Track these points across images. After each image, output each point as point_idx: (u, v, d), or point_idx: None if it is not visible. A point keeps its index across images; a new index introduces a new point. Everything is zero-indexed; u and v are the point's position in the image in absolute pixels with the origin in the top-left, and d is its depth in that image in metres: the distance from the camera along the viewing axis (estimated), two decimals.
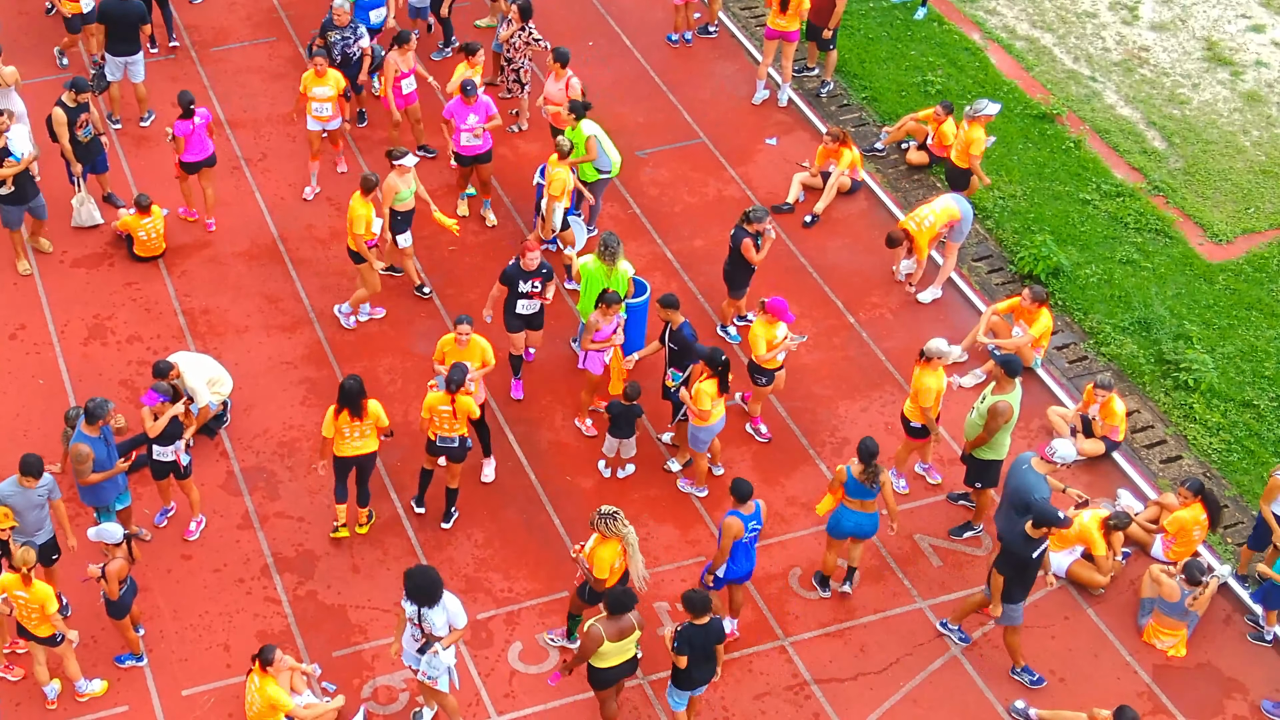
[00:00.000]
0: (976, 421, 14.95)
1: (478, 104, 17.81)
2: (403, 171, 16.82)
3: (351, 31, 18.82)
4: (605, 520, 13.32)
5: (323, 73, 18.02)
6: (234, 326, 17.30)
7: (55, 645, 13.40)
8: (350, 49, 18.86)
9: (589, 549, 13.54)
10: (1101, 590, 15.24)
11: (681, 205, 19.33)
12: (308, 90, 18.15)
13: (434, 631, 12.90)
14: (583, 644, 12.95)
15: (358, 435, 14.52)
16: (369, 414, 14.43)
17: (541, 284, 16.01)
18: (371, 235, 16.68)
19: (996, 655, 14.68)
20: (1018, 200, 19.50)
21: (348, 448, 14.58)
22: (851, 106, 20.98)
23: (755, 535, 13.96)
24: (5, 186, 16.86)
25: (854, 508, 14.32)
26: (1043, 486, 14.00)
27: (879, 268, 18.43)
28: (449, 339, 15.17)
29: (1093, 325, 17.98)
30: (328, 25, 18.75)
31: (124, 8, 18.80)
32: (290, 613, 14.64)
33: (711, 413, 15.14)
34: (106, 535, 13.34)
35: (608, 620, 12.84)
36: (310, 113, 18.24)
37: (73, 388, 16.47)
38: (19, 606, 13.11)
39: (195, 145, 17.69)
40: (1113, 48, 22.26)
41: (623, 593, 12.88)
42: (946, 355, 15.21)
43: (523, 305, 16.12)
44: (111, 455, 14.17)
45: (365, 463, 14.79)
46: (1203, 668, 14.77)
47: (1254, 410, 17.11)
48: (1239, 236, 19.33)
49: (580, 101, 17.86)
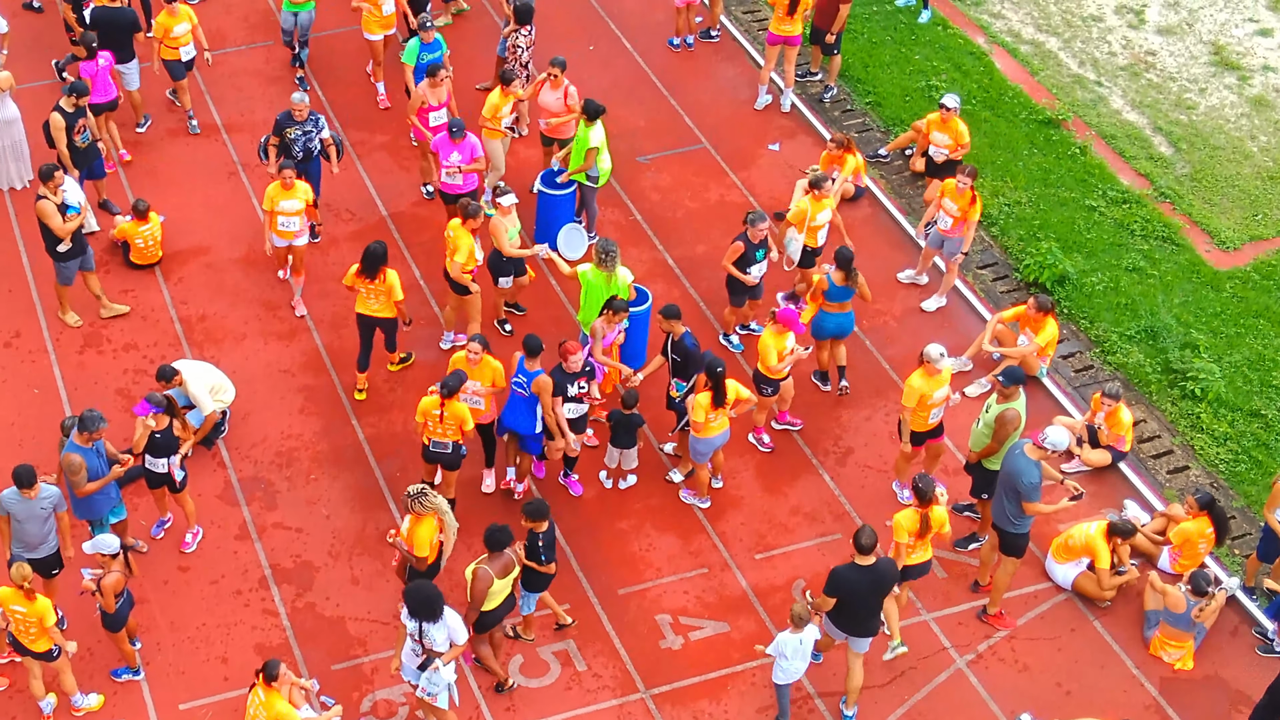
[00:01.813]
0: (983, 432, 14.79)
1: (464, 144, 17.23)
2: (505, 211, 16.43)
3: (313, 125, 17.47)
4: (417, 500, 13.39)
5: (290, 185, 16.52)
6: (231, 334, 17.15)
7: (52, 660, 13.24)
8: (312, 143, 17.52)
9: (405, 530, 13.60)
10: (1107, 603, 15.11)
11: (683, 211, 19.18)
12: (274, 205, 16.57)
13: (434, 647, 12.81)
14: (475, 589, 13.09)
15: (371, 297, 15.75)
16: (384, 280, 15.60)
17: (588, 383, 15.07)
18: (475, 263, 16.21)
19: (1002, 668, 14.55)
20: (1023, 207, 19.35)
21: (364, 305, 15.88)
22: (855, 112, 20.83)
23: (521, 389, 14.81)
24: (65, 243, 16.35)
25: (833, 310, 16.19)
26: (1033, 471, 13.87)
27: (883, 274, 18.27)
28: (460, 357, 14.99)
29: (1099, 334, 17.82)
30: (284, 122, 17.38)
31: (116, 15, 18.66)
32: (289, 625, 14.49)
33: (709, 425, 14.99)
34: (103, 546, 13.19)
35: (490, 560, 13.11)
36: (275, 228, 16.72)
37: (68, 396, 16.31)
38: (17, 621, 12.96)
39: (100, 88, 18.20)
40: (1119, 52, 22.10)
41: (498, 529, 13.06)
42: (938, 362, 14.99)
43: (570, 409, 15.01)
44: (104, 465, 14.01)
45: (385, 325, 16.01)
46: (1210, 680, 14.63)
47: (1262, 420, 16.95)
48: (1246, 243, 19.18)
49: (596, 103, 17.62)
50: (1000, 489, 14.18)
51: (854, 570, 13.22)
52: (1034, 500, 13.91)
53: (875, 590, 13.34)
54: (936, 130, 18.45)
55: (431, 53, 18.72)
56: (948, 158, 18.37)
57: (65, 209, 16.27)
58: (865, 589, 13.28)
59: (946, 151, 18.26)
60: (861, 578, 13.22)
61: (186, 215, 18.42)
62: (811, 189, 16.99)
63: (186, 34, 18.82)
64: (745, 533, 15.61)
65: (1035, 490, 13.85)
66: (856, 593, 13.27)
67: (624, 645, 14.55)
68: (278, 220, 16.65)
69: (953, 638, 14.80)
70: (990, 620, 14.84)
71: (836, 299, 16.15)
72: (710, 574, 15.20)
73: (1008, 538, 14.32)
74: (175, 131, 19.64)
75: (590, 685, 14.21)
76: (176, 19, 18.75)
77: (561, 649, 14.49)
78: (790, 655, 13.45)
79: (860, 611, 13.42)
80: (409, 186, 18.99)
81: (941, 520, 13.86)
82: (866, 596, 13.35)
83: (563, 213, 18.11)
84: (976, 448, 14.96)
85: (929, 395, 15.01)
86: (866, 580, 13.24)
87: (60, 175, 16.18)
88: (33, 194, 17.98)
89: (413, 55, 18.79)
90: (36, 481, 13.45)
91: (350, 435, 16.21)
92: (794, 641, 13.39)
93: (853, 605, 13.37)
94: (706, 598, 14.99)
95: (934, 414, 15.22)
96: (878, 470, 16.22)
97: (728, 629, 14.71)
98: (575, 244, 17.72)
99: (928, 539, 13.94)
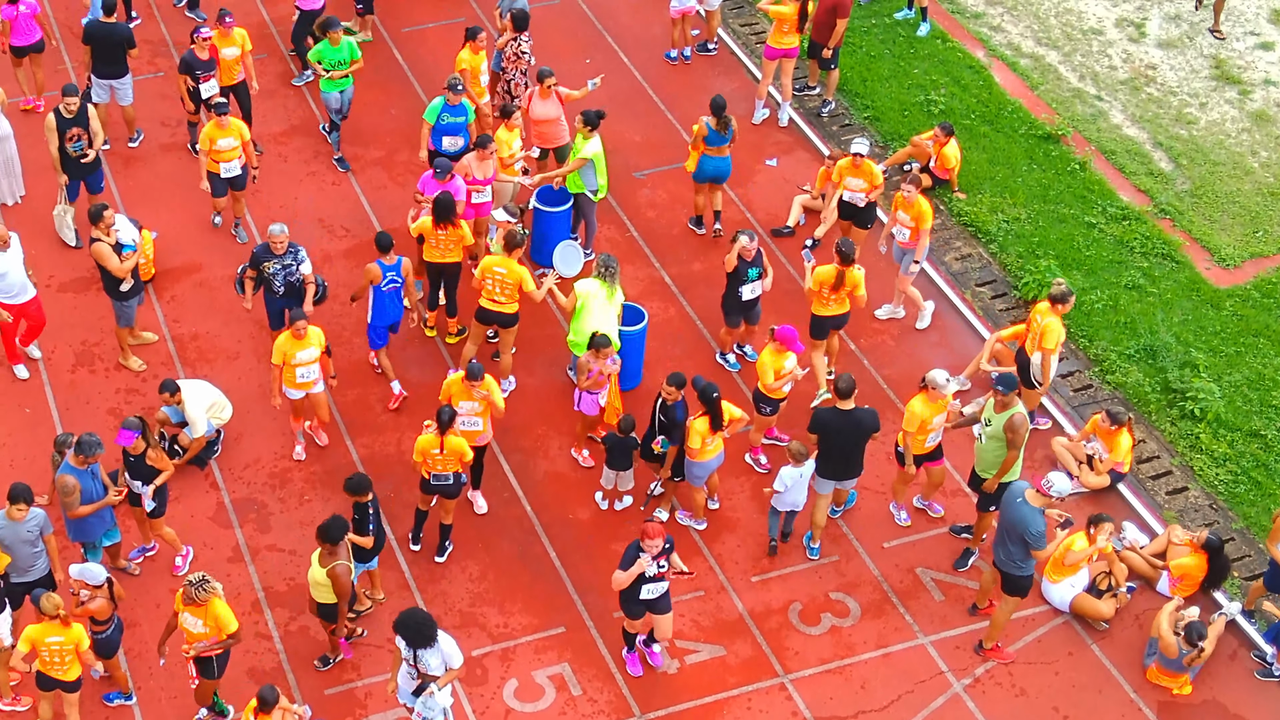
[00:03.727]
0: (991, 445, 14.63)
1: (450, 184, 16.88)
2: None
3: (292, 257, 16.06)
4: (199, 588, 12.74)
5: (304, 334, 15.08)
6: (224, 353, 17.03)
7: (76, 690, 13.12)
8: (293, 277, 16.12)
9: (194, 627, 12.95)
10: (1106, 625, 15.01)
11: (680, 227, 19.07)
12: (289, 358, 15.16)
13: (429, 672, 12.73)
14: (343, 585, 13.26)
15: (441, 246, 16.44)
16: (457, 228, 16.29)
17: (667, 561, 13.86)
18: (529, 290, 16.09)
19: (999, 693, 14.46)
20: (1022, 223, 19.23)
21: (431, 254, 16.53)
22: (853, 126, 20.70)
23: (395, 286, 15.90)
24: (126, 282, 16.11)
25: (712, 154, 17.98)
26: (1038, 519, 13.78)
27: (882, 292, 18.15)
28: (455, 379, 14.90)
29: (1097, 352, 17.71)
30: (262, 255, 15.99)
31: (110, 30, 18.50)
32: (281, 649, 14.39)
33: (705, 449, 14.90)
34: (88, 576, 13.07)
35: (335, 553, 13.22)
36: (293, 381, 15.35)
37: (60, 416, 16.20)
38: (52, 653, 12.81)
39: (22, 30, 18.63)
40: (1119, 66, 21.99)
41: (335, 522, 13.21)
42: (942, 388, 14.89)
43: (648, 590, 13.86)
44: (98, 489, 13.92)
45: (449, 271, 16.62)
46: (1209, 705, 14.54)
47: (1261, 440, 16.84)
48: (1247, 261, 19.05)
49: (595, 111, 17.55)
50: (1003, 534, 14.03)
51: (834, 414, 14.68)
52: (1043, 548, 13.88)
53: (855, 434, 14.72)
54: (850, 176, 17.75)
55: (455, 115, 17.79)
56: (867, 201, 17.94)
57: (120, 248, 16.06)
58: (845, 432, 14.64)
59: (863, 196, 17.81)
60: (842, 421, 14.61)
61: (178, 233, 18.29)
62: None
63: (233, 149, 17.46)
64: (741, 555, 15.51)
65: (1042, 538, 13.77)
66: (837, 435, 14.64)
67: (619, 669, 14.44)
68: (297, 373, 15.25)
69: (950, 661, 14.70)
70: (988, 654, 14.73)
71: (715, 144, 17.89)
72: (706, 596, 15.10)
73: (1011, 580, 14.19)
74: (168, 147, 19.52)
75: (585, 710, 14.12)
76: (224, 131, 17.32)
77: (556, 672, 14.39)
78: (790, 486, 14.97)
79: (840, 455, 14.82)
80: (403, 202, 18.86)
81: (856, 280, 15.97)
82: (846, 439, 14.70)
83: (559, 229, 18.00)
84: (991, 467, 14.76)
85: (929, 420, 14.90)
86: (847, 424, 14.63)
87: (110, 215, 15.89)
88: (24, 210, 17.97)
89: (434, 114, 17.75)
90: (32, 499, 13.37)
91: (344, 456, 16.10)
92: (794, 474, 14.92)
93: (832, 448, 14.75)
94: (702, 621, 14.89)
95: (931, 438, 15.11)
96: (875, 490, 16.12)
97: (724, 653, 14.61)
98: (571, 261, 17.62)
99: (843, 293, 16.04)
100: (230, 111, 17.63)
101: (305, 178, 19.14)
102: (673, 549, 13.84)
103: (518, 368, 16.97)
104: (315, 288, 16.47)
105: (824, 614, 15.02)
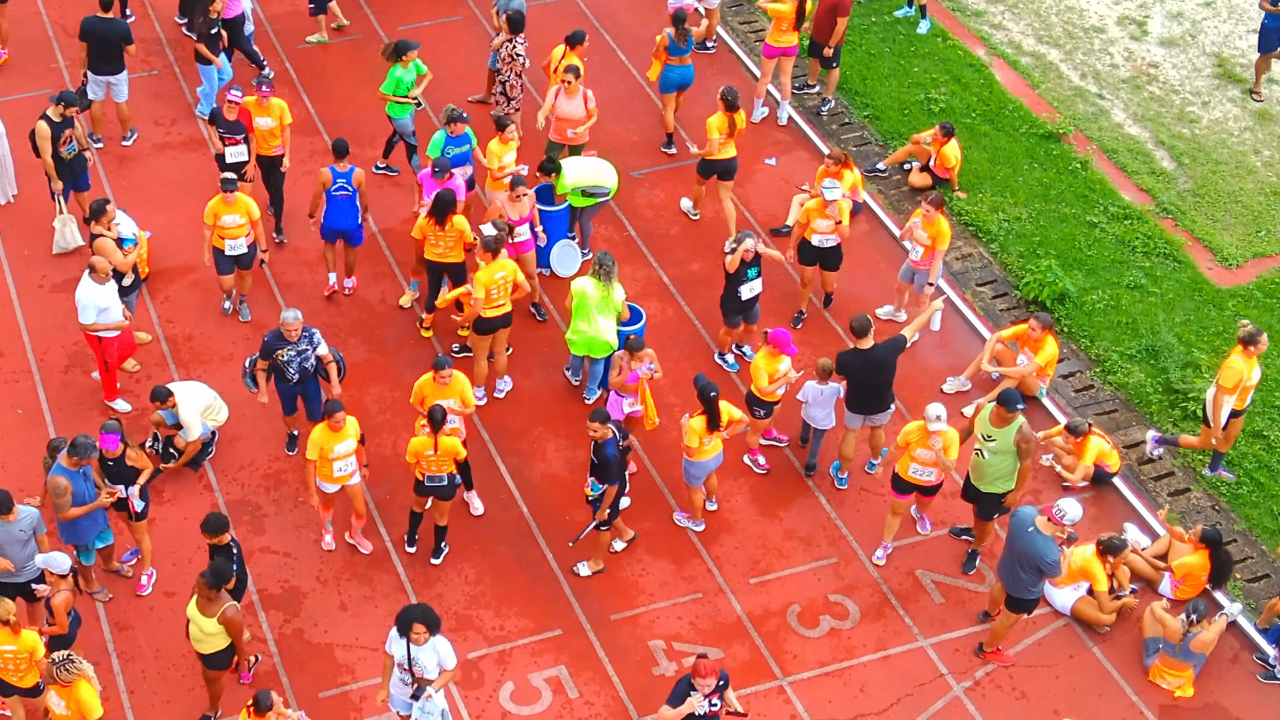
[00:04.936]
0: (997, 460, 14.43)
1: (450, 182, 16.79)
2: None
3: (307, 342, 15.16)
4: (63, 668, 12.17)
5: (340, 426, 14.20)
6: (219, 354, 16.92)
7: (37, 695, 12.98)
8: (308, 363, 15.26)
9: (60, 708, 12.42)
10: (1107, 628, 14.90)
11: (678, 227, 18.95)
12: (326, 452, 14.28)
13: (424, 674, 12.64)
14: (238, 623, 12.94)
15: (440, 244, 16.40)
16: (453, 226, 16.25)
17: (720, 699, 12.77)
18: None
19: (999, 696, 14.36)
20: (1023, 223, 19.11)
21: (431, 252, 16.51)
22: (853, 125, 20.59)
23: (346, 194, 16.60)
24: (127, 276, 15.99)
25: (674, 63, 19.26)
26: (1052, 549, 13.66)
27: (881, 292, 18.05)
28: (428, 379, 14.79)
29: (1099, 353, 17.59)
30: (274, 344, 15.05)
31: (107, 26, 18.42)
32: (276, 652, 14.30)
33: (703, 449, 14.78)
34: (53, 565, 12.98)
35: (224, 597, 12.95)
36: (329, 476, 14.48)
37: (52, 417, 16.10)
38: (4, 661, 12.70)
39: None
40: (1121, 64, 21.87)
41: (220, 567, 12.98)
42: (932, 424, 14.51)
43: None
44: (90, 491, 13.81)
45: (453, 270, 16.58)
46: (1210, 708, 14.44)
47: (1264, 441, 16.72)
48: (1249, 260, 18.94)
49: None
50: (1013, 562, 13.87)
51: (855, 354, 15.30)
52: (1059, 574, 14.13)
53: (880, 369, 15.33)
54: (818, 218, 17.04)
55: (458, 146, 17.30)
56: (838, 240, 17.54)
57: (121, 242, 15.98)
58: (869, 369, 15.27)
59: (835, 238, 17.24)
60: (864, 360, 15.24)
61: (173, 232, 18.17)
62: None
63: (239, 226, 16.40)
64: (740, 557, 15.40)
65: (1058, 566, 13.80)
66: (863, 374, 15.29)
67: (616, 672, 14.36)
68: (334, 467, 14.46)
69: (950, 664, 14.60)
70: (989, 657, 14.63)
71: (676, 54, 19.14)
72: (704, 599, 15.00)
73: (1017, 602, 14.10)
74: (161, 146, 19.42)
75: (582, 713, 14.02)
76: (229, 208, 16.28)
77: (553, 675, 14.31)
78: (813, 400, 15.54)
79: (869, 391, 15.44)
80: (399, 203, 18.76)
81: (741, 122, 17.60)
82: (872, 378, 15.33)
83: (557, 229, 17.89)
84: (1001, 480, 14.56)
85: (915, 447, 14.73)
86: (869, 362, 15.25)
87: (112, 209, 15.82)
88: (14, 209, 17.82)
89: (437, 148, 17.18)
90: (14, 507, 13.29)
91: None
92: (817, 390, 15.48)
93: (859, 386, 15.39)
94: (700, 623, 14.78)
95: (927, 473, 14.79)
96: (874, 493, 16.01)
97: (722, 655, 14.49)
98: (569, 261, 17.51)
99: (731, 142, 17.75)
100: (242, 187, 16.68)
101: (301, 176, 18.99)
102: (728, 685, 12.74)
103: (514, 370, 16.86)
104: (337, 365, 15.48)
105: (823, 616, 14.92)
